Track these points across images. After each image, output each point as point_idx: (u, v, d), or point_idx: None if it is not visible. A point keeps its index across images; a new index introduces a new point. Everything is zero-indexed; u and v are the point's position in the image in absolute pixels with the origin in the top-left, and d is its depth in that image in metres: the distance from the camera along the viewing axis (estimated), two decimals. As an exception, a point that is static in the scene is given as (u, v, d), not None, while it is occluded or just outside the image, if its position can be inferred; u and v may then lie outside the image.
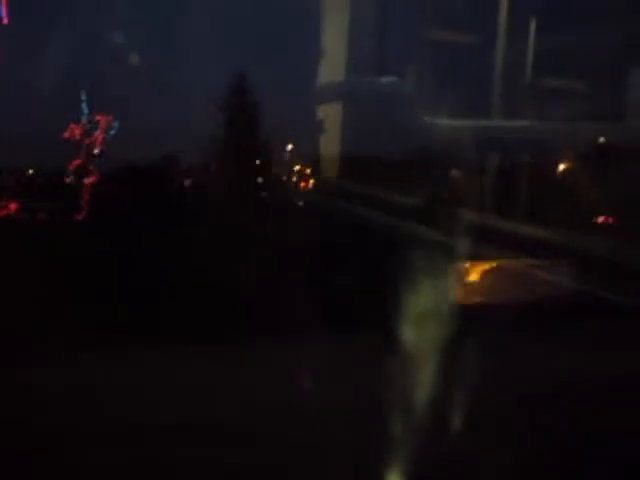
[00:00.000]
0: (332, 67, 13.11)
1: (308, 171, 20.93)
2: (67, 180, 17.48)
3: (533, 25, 13.54)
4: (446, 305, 7.44)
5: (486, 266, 11.14)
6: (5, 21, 14.02)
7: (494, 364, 6.03)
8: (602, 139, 15.40)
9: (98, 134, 17.22)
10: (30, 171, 18.47)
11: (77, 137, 17.05)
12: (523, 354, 7.44)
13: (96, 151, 17.15)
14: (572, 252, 11.09)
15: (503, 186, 14.10)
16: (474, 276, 11.11)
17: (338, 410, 5.13)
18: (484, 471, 4.35)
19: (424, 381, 5.30)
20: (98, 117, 17.17)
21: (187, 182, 18.73)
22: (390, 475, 4.24)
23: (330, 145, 14.00)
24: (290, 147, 18.79)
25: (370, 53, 13.95)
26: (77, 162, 17.21)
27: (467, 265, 10.88)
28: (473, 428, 4.94)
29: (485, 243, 10.16)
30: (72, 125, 16.96)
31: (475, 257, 10.81)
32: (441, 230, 10.24)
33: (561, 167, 16.95)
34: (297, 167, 21.71)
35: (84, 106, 17.06)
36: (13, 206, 16.42)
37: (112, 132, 17.36)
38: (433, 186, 13.29)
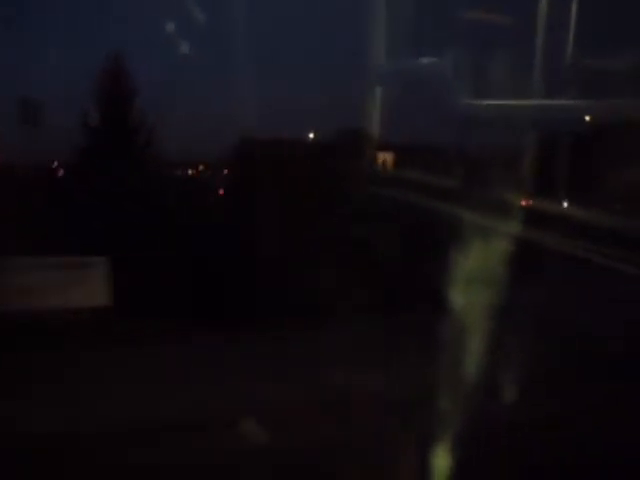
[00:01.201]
0: (372, 49, 13.24)
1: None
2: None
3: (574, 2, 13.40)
4: None
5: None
6: None
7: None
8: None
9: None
10: None
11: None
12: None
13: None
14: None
15: (541, 165, 14.08)
16: None
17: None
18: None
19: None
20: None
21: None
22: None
23: (369, 127, 14.18)
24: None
25: (410, 34, 14.02)
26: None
27: None
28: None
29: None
30: None
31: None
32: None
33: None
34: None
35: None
36: None
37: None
38: (469, 168, 13.38)
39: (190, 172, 22.33)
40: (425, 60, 14.71)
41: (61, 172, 17.60)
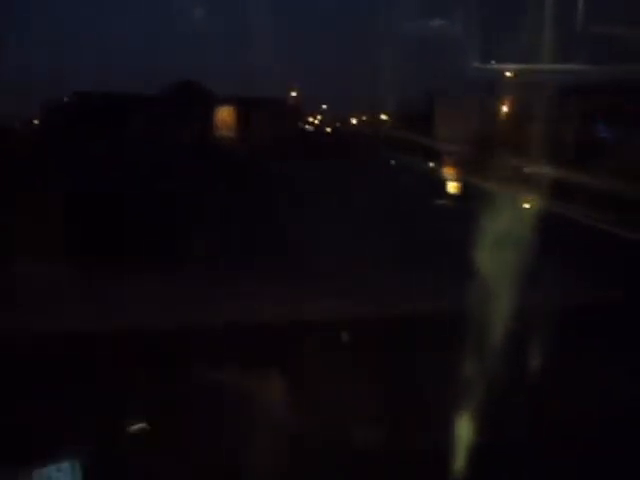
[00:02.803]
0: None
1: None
2: None
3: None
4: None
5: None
6: None
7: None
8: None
9: None
10: None
11: None
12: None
13: None
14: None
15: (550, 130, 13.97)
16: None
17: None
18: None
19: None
20: None
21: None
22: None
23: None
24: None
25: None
26: None
27: None
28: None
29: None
30: None
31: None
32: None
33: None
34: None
35: None
36: None
37: None
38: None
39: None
40: (434, 23, 14.66)
41: None
